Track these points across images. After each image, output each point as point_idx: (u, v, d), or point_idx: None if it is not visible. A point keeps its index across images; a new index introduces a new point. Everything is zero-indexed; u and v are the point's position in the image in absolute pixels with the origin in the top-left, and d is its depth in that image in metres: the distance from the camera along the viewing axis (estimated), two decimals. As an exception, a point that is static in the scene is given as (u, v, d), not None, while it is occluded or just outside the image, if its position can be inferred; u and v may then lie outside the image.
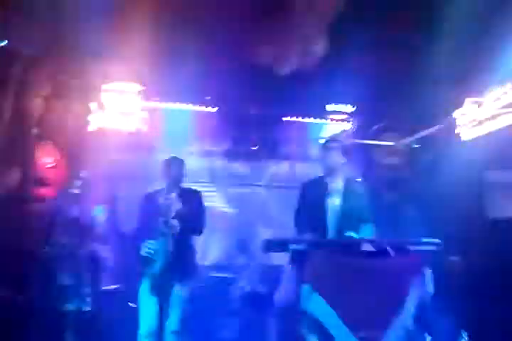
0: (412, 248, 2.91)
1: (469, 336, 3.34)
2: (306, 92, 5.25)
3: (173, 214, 3.17)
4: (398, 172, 5.67)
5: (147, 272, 3.20)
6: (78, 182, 3.55)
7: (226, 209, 5.80)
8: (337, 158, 3.27)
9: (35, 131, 4.51)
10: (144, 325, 3.14)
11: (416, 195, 5.26)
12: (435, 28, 4.15)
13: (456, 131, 4.98)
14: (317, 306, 2.67)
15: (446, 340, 3.42)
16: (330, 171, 3.28)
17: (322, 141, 3.43)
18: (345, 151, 3.36)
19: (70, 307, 3.24)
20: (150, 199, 3.39)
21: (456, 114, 5.02)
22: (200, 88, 5.35)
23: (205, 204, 3.61)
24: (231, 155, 5.93)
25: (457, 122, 5.01)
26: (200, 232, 3.42)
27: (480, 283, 3.85)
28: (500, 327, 3.48)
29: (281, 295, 3.02)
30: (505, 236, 4.00)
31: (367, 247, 2.86)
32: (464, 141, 4.88)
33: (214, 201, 5.70)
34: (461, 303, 3.71)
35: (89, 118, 5.08)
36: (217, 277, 4.76)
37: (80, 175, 3.64)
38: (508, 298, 3.59)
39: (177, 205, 3.20)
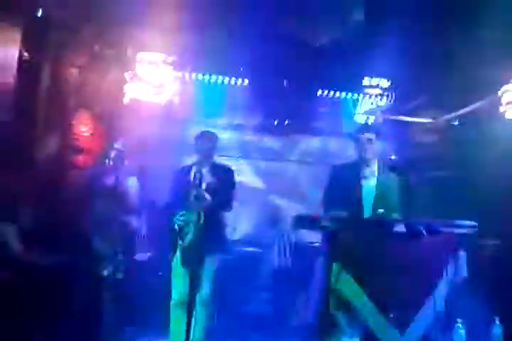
0: (446, 230, 2.83)
1: (500, 321, 3.29)
2: (341, 65, 5.09)
3: (204, 187, 3.18)
4: (436, 150, 5.50)
5: (179, 243, 3.25)
6: (113, 152, 3.60)
7: (257, 184, 5.80)
8: (372, 149, 3.20)
9: (72, 99, 4.57)
10: (176, 294, 3.23)
11: (455, 174, 5.10)
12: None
13: (501, 109, 4.75)
14: (346, 285, 2.66)
15: (478, 324, 3.38)
16: (364, 160, 3.22)
17: (356, 130, 3.33)
18: (380, 136, 3.28)
19: (105, 273, 3.35)
20: (182, 172, 3.41)
21: (501, 90, 4.77)
22: (233, 60, 5.26)
23: (236, 178, 3.60)
24: (263, 129, 5.87)
25: (501, 100, 4.77)
26: (230, 208, 3.43)
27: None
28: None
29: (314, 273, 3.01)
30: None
31: (399, 228, 2.81)
32: (508, 119, 4.65)
33: (245, 175, 5.70)
34: (494, 287, 3.64)
35: (124, 88, 5.11)
36: (247, 251, 4.81)
37: (115, 145, 3.68)
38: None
39: (208, 179, 3.21)
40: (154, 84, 5.19)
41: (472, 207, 4.03)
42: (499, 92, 4.78)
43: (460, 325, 3.21)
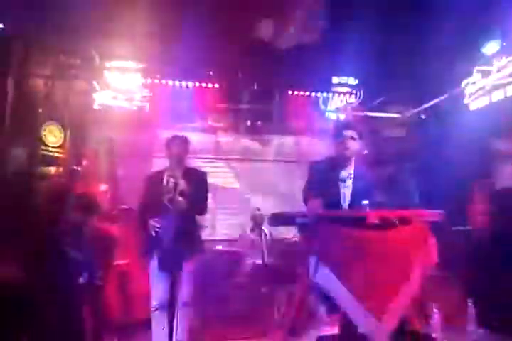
0: (416, 218, 2.91)
1: (474, 303, 3.39)
2: (310, 65, 5.18)
3: (178, 191, 3.17)
4: (404, 144, 5.64)
5: (156, 248, 3.24)
6: (83, 160, 3.57)
7: (234, 184, 5.84)
8: (354, 147, 3.14)
9: (40, 110, 4.53)
10: (156, 298, 3.22)
11: (423, 166, 5.24)
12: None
13: (464, 101, 4.91)
14: (324, 278, 2.70)
15: (451, 307, 3.47)
16: (344, 157, 3.21)
17: (338, 127, 3.26)
18: (362, 135, 3.26)
19: (80, 280, 3.32)
20: (155, 178, 3.38)
21: (464, 83, 4.93)
22: (203, 64, 5.29)
23: (213, 180, 3.59)
24: (236, 130, 5.91)
25: (465, 91, 4.92)
26: (204, 211, 3.42)
27: (485, 252, 3.88)
28: (505, 295, 3.53)
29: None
30: (510, 204, 3.99)
31: (372, 219, 2.86)
32: (471, 111, 4.81)
33: (221, 176, 5.73)
34: (465, 272, 3.76)
35: (93, 96, 5.09)
36: (227, 250, 4.83)
37: (85, 153, 3.66)
38: (510, 265, 3.62)
39: (181, 183, 3.19)
40: (125, 91, 5.19)
41: (441, 195, 4.15)
42: (462, 85, 4.94)
43: (435, 310, 3.29)
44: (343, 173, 3.19)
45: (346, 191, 3.18)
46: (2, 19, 4.03)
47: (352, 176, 3.19)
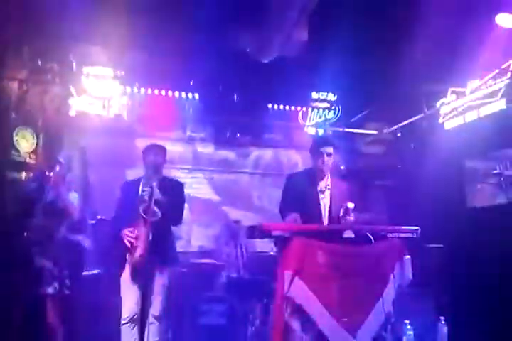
0: (391, 235, 2.93)
1: (446, 320, 3.43)
2: (290, 80, 5.24)
3: (153, 201, 3.10)
4: (381, 160, 5.74)
5: (128, 259, 3.15)
6: (56, 167, 3.47)
7: (210, 196, 5.81)
8: (330, 162, 3.25)
9: (13, 115, 4.41)
10: (127, 311, 3.11)
11: (400, 183, 5.33)
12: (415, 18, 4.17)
13: (439, 120, 5.04)
14: (299, 292, 2.68)
15: (424, 324, 3.50)
16: (321, 171, 3.27)
17: (316, 144, 3.34)
18: (337, 149, 3.33)
19: (49, 290, 3.21)
20: (130, 187, 3.31)
21: (439, 103, 5.07)
22: (183, 74, 5.29)
23: (188, 191, 3.55)
24: (215, 141, 5.91)
25: (439, 111, 5.06)
26: (179, 222, 3.37)
27: (458, 270, 3.95)
28: (476, 311, 3.59)
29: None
30: (483, 223, 4.09)
31: (348, 234, 2.88)
32: (446, 130, 4.94)
33: (198, 187, 5.70)
34: (438, 289, 3.81)
35: (69, 102, 4.99)
36: (202, 263, 4.76)
37: (58, 159, 3.55)
38: (483, 283, 3.70)
39: (157, 193, 3.13)
40: (102, 98, 5.11)
41: (416, 212, 4.22)
42: (437, 105, 5.08)
43: (408, 326, 3.31)
44: (321, 184, 3.25)
45: (326, 201, 3.25)
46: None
47: (329, 187, 3.26)
